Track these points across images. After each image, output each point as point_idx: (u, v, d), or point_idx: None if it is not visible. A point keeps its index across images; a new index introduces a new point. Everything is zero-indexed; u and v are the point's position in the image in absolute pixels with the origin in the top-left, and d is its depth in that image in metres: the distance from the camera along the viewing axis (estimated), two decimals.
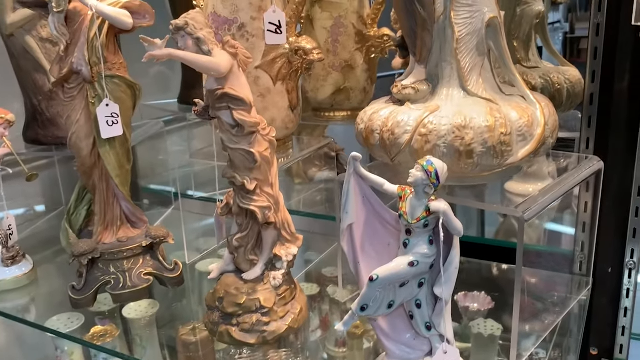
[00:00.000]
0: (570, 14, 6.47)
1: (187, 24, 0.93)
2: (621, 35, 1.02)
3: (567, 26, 6.33)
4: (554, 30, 6.38)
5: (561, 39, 6.54)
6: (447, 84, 0.97)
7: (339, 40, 1.51)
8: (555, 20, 6.55)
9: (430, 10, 0.94)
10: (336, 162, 1.71)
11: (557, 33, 6.38)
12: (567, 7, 6.33)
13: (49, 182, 1.66)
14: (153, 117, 1.88)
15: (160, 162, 1.97)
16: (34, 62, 1.33)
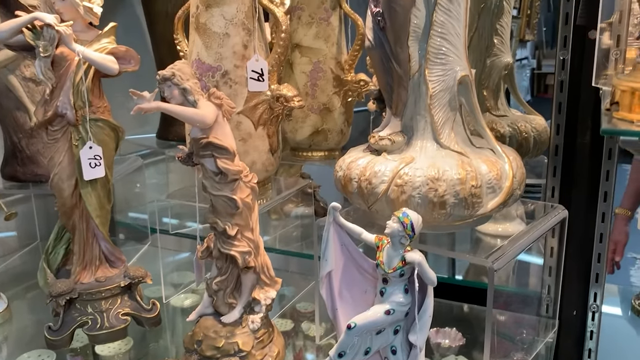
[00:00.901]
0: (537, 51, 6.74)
1: (174, 75, 0.96)
2: (583, 93, 1.09)
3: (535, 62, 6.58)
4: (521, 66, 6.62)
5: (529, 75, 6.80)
6: (421, 136, 1.02)
7: (318, 84, 1.56)
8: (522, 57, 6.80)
9: (405, 67, 1.00)
10: (313, 198, 1.75)
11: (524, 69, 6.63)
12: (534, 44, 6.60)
13: (24, 217, 1.64)
14: (131, 152, 1.89)
15: (136, 195, 1.98)
16: (15, 101, 1.34)
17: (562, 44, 1.10)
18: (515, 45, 5.22)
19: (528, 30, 5.39)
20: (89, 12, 1.13)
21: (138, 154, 1.96)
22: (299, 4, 1.53)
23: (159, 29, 1.78)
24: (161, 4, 1.72)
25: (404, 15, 0.97)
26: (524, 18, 2.54)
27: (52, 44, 1.09)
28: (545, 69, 6.36)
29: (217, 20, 1.17)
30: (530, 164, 1.46)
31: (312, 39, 1.54)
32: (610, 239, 1.28)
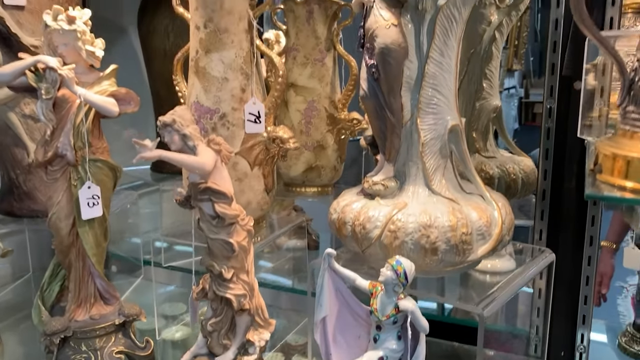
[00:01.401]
0: (525, 80, 6.85)
1: (175, 121, 0.99)
2: (569, 140, 1.14)
3: (522, 92, 6.68)
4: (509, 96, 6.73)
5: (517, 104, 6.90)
6: (413, 182, 1.05)
7: (312, 122, 1.59)
8: (510, 86, 6.92)
9: (398, 116, 1.04)
10: (305, 232, 1.77)
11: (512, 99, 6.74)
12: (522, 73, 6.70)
13: (16, 249, 1.65)
14: (125, 183, 1.91)
15: (129, 226, 1.99)
16: (14, 137, 1.35)
17: (548, 93, 1.14)
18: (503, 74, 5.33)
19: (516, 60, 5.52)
20: (91, 56, 1.16)
21: (132, 185, 1.98)
22: (294, 45, 1.57)
23: (156, 66, 1.81)
24: (159, 42, 1.76)
25: (397, 68, 1.01)
26: (512, 48, 2.62)
27: (54, 87, 1.11)
28: (532, 97, 6.47)
29: (216, 65, 1.20)
30: (519, 203, 1.50)
31: (307, 78, 1.58)
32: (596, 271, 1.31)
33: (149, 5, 1.79)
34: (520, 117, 7.45)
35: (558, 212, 1.18)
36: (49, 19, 1.13)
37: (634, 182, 0.69)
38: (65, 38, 1.14)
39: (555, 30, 1.12)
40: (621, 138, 0.72)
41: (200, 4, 1.19)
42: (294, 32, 1.57)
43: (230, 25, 1.19)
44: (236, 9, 1.19)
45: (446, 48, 1.01)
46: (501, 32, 1.43)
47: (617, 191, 0.72)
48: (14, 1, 1.28)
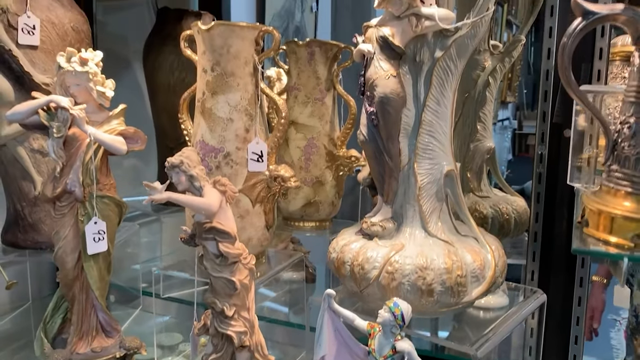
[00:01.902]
0: (518, 112, 6.96)
1: (182, 163, 1.03)
2: (559, 185, 1.18)
3: (516, 123, 6.78)
4: (503, 128, 6.83)
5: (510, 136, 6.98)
6: (410, 224, 1.10)
7: (311, 158, 1.64)
8: (504, 118, 7.04)
9: (396, 161, 1.08)
10: (303, 265, 1.80)
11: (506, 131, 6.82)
12: (515, 105, 6.83)
13: (16, 278, 1.67)
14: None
15: (128, 255, 2.01)
16: (22, 171, 1.38)
17: (540, 139, 1.20)
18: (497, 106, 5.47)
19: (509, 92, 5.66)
20: (101, 96, 1.21)
21: (131, 214, 2.01)
22: (296, 84, 1.63)
23: (160, 100, 1.86)
24: (164, 77, 1.81)
25: (396, 115, 1.06)
26: (505, 81, 2.70)
27: (65, 125, 1.16)
28: (526, 129, 6.55)
29: (222, 106, 1.25)
30: (512, 242, 1.55)
31: (308, 117, 1.63)
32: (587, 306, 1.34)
33: (155, 42, 1.85)
34: (514, 148, 7.54)
35: (549, 254, 1.23)
36: (62, 60, 1.18)
37: (618, 237, 0.74)
38: (78, 79, 1.18)
39: (546, 81, 1.17)
40: (605, 194, 0.76)
41: (208, 49, 1.24)
42: (295, 72, 1.63)
43: (236, 69, 1.24)
44: (242, 54, 1.24)
45: (442, 97, 1.07)
46: (495, 77, 1.49)
47: (602, 245, 0.76)
48: (28, 41, 1.33)
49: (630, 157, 0.70)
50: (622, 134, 0.72)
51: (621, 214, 0.72)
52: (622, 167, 0.73)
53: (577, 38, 0.72)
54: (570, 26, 0.73)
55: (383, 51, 1.05)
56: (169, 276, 1.83)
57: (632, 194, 0.71)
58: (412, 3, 1.01)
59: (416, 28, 1.02)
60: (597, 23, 0.71)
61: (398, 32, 1.04)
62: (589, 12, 0.70)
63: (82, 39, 1.41)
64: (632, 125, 0.70)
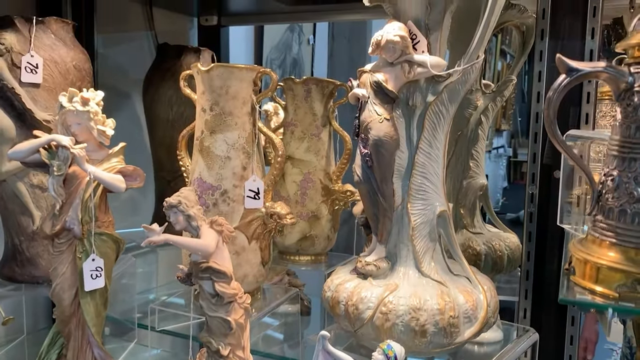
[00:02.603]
0: (513, 140, 7.05)
1: (180, 203, 1.05)
2: (550, 225, 1.21)
3: (510, 151, 6.86)
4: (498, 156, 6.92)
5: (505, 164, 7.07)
6: (404, 264, 1.11)
7: (307, 193, 1.66)
8: (499, 146, 7.12)
9: (390, 201, 1.11)
10: (298, 297, 1.81)
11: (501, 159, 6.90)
12: (510, 133, 6.92)
13: (12, 312, 1.67)
14: None
15: (123, 287, 2.01)
16: (21, 206, 1.40)
17: (530, 180, 1.22)
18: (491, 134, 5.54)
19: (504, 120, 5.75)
20: (101, 135, 1.23)
21: (128, 245, 2.02)
22: (292, 120, 1.66)
23: (159, 133, 1.89)
24: (163, 111, 1.85)
25: (389, 157, 1.09)
26: (500, 109, 2.74)
27: (65, 164, 1.17)
28: (521, 157, 6.61)
29: (220, 145, 1.28)
30: (505, 279, 1.56)
31: (304, 152, 1.66)
32: (581, 337, 1.35)
33: (155, 77, 1.88)
34: (509, 175, 7.57)
35: (541, 292, 1.24)
36: (64, 100, 1.21)
37: (603, 287, 0.76)
38: (79, 118, 1.21)
39: (536, 123, 1.21)
40: (591, 244, 0.78)
41: (207, 89, 1.27)
42: (292, 108, 1.67)
43: (234, 109, 1.27)
44: (241, 94, 1.27)
45: (434, 140, 1.10)
46: (487, 116, 1.53)
47: (589, 294, 0.78)
48: (31, 79, 1.35)
49: (614, 209, 0.73)
50: (606, 186, 0.75)
51: (606, 264, 0.74)
52: (606, 218, 0.75)
53: (562, 93, 0.75)
54: (555, 82, 0.76)
55: (377, 96, 1.08)
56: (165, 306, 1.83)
57: (617, 245, 0.73)
58: (405, 50, 1.04)
59: (409, 74, 1.05)
60: (580, 79, 0.74)
61: (391, 78, 1.07)
62: (572, 69, 0.73)
63: (84, 77, 1.44)
64: (615, 178, 0.73)
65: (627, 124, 0.73)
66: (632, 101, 0.71)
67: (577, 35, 1.15)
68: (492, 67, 5.99)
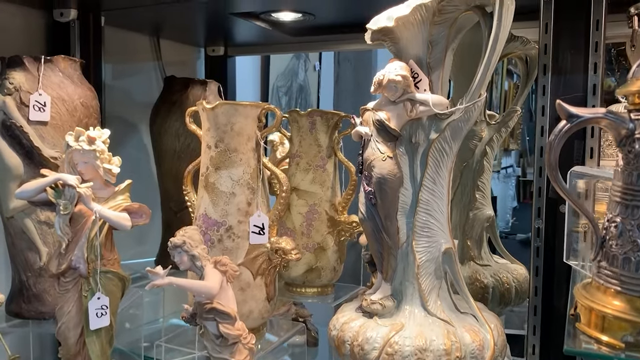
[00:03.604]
0: (522, 159, 7.02)
1: (185, 243, 1.06)
2: (557, 259, 1.19)
3: (519, 170, 6.83)
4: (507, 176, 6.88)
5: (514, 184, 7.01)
6: (409, 302, 1.11)
7: (313, 224, 1.66)
8: (507, 165, 7.09)
9: (395, 239, 1.10)
10: (305, 328, 1.79)
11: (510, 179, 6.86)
12: (519, 153, 6.89)
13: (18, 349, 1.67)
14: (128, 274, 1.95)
15: (130, 317, 2.01)
16: (28, 242, 1.41)
17: (536, 214, 1.21)
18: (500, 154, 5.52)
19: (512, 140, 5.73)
20: (107, 173, 1.24)
21: (135, 275, 2.02)
22: (298, 152, 1.67)
23: (166, 164, 1.90)
24: (170, 143, 1.86)
25: (393, 195, 1.09)
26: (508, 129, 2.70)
27: (72, 203, 1.18)
28: (530, 176, 6.56)
29: (225, 181, 1.29)
30: (515, 310, 1.55)
31: (309, 183, 1.66)
32: None
33: (162, 109, 1.90)
34: (519, 195, 7.50)
35: (549, 327, 1.23)
36: (71, 139, 1.22)
37: (609, 337, 0.74)
38: (85, 157, 1.22)
39: (540, 157, 1.20)
40: (596, 291, 0.77)
41: (212, 126, 1.28)
42: (297, 140, 1.67)
43: (239, 145, 1.28)
44: (245, 131, 1.28)
45: (438, 177, 1.09)
46: (492, 147, 1.53)
47: (595, 344, 0.76)
48: (39, 117, 1.37)
49: (618, 256, 0.72)
50: (610, 232, 0.74)
51: (611, 313, 0.73)
52: (610, 265, 0.74)
53: (563, 139, 0.75)
54: (556, 128, 0.76)
55: (380, 134, 1.08)
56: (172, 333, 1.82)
57: (622, 293, 0.72)
58: (406, 89, 1.05)
59: (411, 113, 1.06)
60: (581, 125, 0.74)
61: (394, 116, 1.07)
62: (572, 115, 0.73)
63: (91, 114, 1.46)
64: (619, 224, 0.72)
65: (629, 170, 0.72)
66: (633, 148, 0.71)
67: (580, 70, 1.15)
68: (499, 87, 6.00)
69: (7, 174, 1.38)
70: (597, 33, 1.14)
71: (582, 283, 0.85)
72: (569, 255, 1.08)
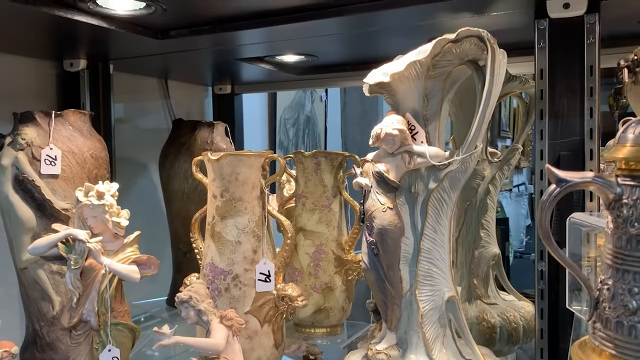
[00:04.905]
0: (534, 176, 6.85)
1: (191, 298, 1.08)
2: (561, 302, 1.20)
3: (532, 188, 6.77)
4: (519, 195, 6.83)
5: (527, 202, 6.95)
6: (415, 351, 1.11)
7: (320, 264, 1.68)
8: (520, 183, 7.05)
9: (398, 288, 1.12)
10: None
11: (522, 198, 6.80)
12: (530, 170, 6.86)
13: None
14: (138, 314, 1.98)
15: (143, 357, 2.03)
16: (41, 292, 1.45)
17: (539, 257, 1.22)
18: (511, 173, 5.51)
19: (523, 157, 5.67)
20: (116, 226, 1.28)
21: (146, 314, 2.05)
22: (303, 192, 1.70)
23: (175, 206, 1.94)
24: (179, 185, 1.90)
25: (395, 245, 1.10)
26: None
27: (82, 257, 1.22)
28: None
29: (231, 230, 1.31)
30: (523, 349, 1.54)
31: (315, 223, 1.68)
32: None
33: (170, 151, 1.95)
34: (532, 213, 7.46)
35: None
36: (80, 195, 1.26)
37: None
38: (95, 211, 1.26)
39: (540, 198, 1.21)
40: (591, 352, 0.77)
41: (218, 176, 1.31)
42: (302, 180, 1.70)
43: (244, 194, 1.31)
44: (250, 179, 1.31)
45: (438, 226, 1.11)
46: (495, 185, 1.54)
47: None
48: (50, 171, 1.42)
49: (611, 320, 0.72)
50: (603, 294, 0.75)
51: None
52: (605, 327, 0.75)
53: (554, 202, 0.76)
54: (546, 192, 0.78)
55: (379, 185, 1.10)
56: None
57: (617, 357, 0.73)
58: (404, 142, 1.07)
59: (409, 164, 1.08)
60: (570, 189, 0.75)
61: (392, 168, 1.09)
62: (562, 180, 0.75)
63: (100, 165, 1.50)
64: (611, 287, 0.73)
65: (618, 234, 0.73)
66: (621, 212, 0.72)
67: (576, 115, 1.17)
68: (508, 106, 6.00)
69: (20, 226, 1.42)
70: (592, 78, 1.16)
71: (578, 341, 0.85)
72: (572, 301, 1.08)
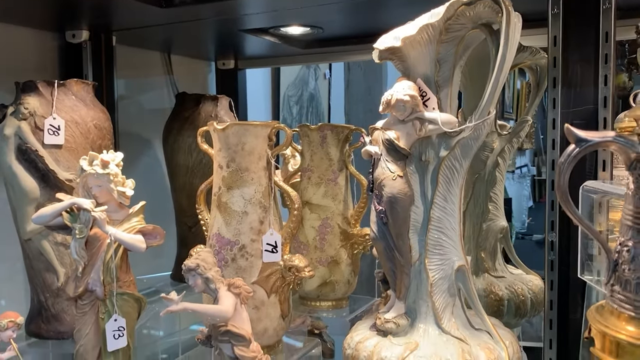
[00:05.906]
0: (537, 158, 6.93)
1: (198, 266, 1.07)
2: (572, 272, 1.19)
3: (534, 169, 6.76)
4: (522, 176, 6.79)
5: (529, 183, 6.93)
6: (424, 320, 1.10)
7: (326, 238, 1.67)
8: (522, 165, 7.01)
9: (407, 257, 1.10)
10: (320, 339, 1.80)
11: (524, 179, 6.77)
12: (533, 152, 6.81)
13: None
14: (143, 289, 1.97)
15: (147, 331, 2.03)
16: (46, 263, 1.43)
17: (549, 227, 1.21)
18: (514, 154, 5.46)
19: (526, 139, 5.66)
20: (121, 196, 1.26)
21: (150, 290, 2.04)
22: (309, 166, 1.68)
23: (179, 180, 1.92)
24: (183, 159, 1.88)
25: (404, 213, 1.09)
26: None
27: (87, 227, 1.20)
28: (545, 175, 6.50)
29: (237, 200, 1.29)
30: (530, 322, 1.54)
31: (321, 197, 1.67)
32: None
33: (174, 125, 1.92)
34: (534, 194, 7.41)
35: (566, 340, 1.22)
36: (85, 164, 1.24)
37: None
38: (99, 180, 1.24)
39: (552, 171, 1.19)
40: (609, 315, 0.76)
41: (224, 146, 1.29)
42: (308, 154, 1.68)
43: (250, 164, 1.29)
44: (256, 150, 1.29)
45: (449, 194, 1.09)
46: (504, 157, 1.52)
47: None
48: (53, 141, 1.40)
49: (631, 281, 0.71)
50: (622, 256, 0.73)
51: (625, 339, 0.72)
52: (624, 289, 0.73)
53: (572, 163, 0.74)
54: (565, 152, 0.76)
55: (389, 153, 1.08)
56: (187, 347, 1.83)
57: (635, 318, 0.72)
58: (415, 108, 1.05)
59: (420, 131, 1.06)
60: (590, 149, 0.74)
61: (403, 135, 1.07)
62: (581, 140, 0.73)
63: (104, 135, 1.48)
64: (631, 249, 0.71)
65: (639, 194, 0.72)
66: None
67: (590, 83, 1.15)
68: (512, 87, 5.95)
69: (23, 197, 1.40)
70: (607, 45, 1.13)
71: (595, 305, 0.84)
72: (584, 270, 1.07)
